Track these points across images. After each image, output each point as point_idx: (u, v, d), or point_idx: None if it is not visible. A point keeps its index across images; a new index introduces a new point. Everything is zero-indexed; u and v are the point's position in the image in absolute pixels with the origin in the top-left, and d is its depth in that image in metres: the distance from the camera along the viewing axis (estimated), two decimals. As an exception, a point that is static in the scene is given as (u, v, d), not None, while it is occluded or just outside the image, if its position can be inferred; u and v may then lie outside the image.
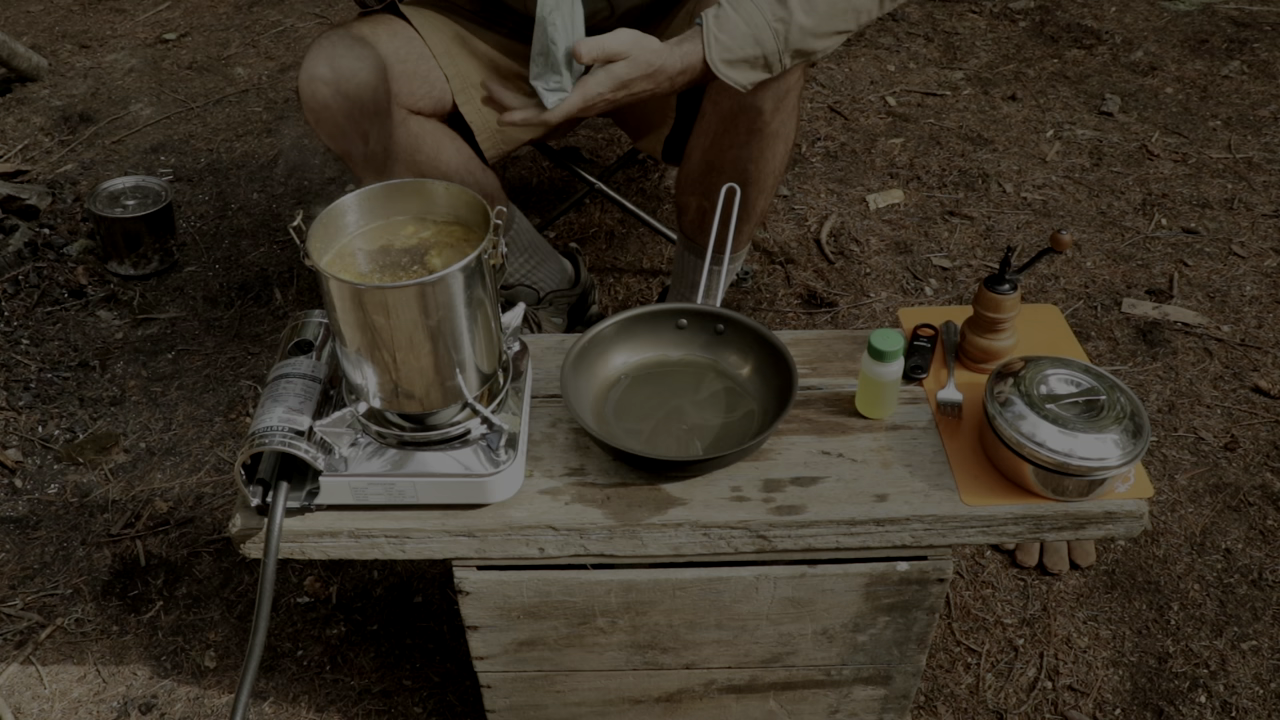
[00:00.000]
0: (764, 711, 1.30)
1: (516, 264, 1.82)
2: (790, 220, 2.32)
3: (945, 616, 1.55)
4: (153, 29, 3.20)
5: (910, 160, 2.49)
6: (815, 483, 1.12)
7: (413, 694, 1.46)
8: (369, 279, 1.05)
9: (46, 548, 1.67)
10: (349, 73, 1.44)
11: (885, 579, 1.14)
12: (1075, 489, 1.08)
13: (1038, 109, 2.68)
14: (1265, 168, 2.44)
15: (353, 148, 1.50)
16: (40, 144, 2.66)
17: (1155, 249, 2.21)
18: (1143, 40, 2.95)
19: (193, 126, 2.73)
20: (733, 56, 1.31)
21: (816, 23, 1.32)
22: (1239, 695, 1.43)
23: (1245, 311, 2.04)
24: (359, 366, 1.06)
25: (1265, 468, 1.74)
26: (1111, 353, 1.96)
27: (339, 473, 1.07)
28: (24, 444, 1.84)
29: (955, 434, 1.17)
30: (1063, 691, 1.45)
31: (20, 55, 2.83)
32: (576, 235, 2.28)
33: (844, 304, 2.08)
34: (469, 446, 1.09)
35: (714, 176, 1.57)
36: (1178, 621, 1.53)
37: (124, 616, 1.57)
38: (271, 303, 2.14)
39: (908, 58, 2.92)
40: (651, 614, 1.17)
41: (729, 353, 1.24)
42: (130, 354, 2.03)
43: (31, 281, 2.17)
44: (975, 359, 1.23)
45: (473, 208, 1.08)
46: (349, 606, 1.58)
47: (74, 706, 1.46)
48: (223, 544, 1.66)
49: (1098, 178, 2.43)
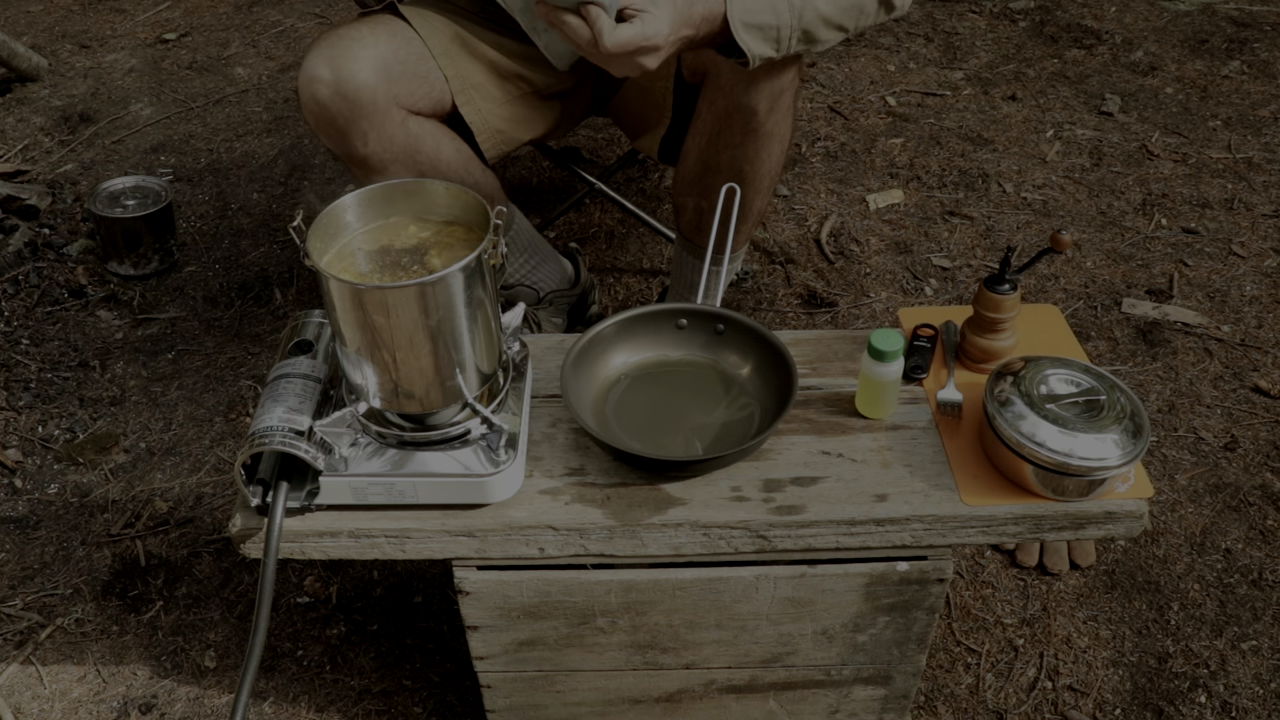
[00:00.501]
0: (764, 711, 1.30)
1: (516, 264, 1.82)
2: (790, 220, 2.32)
3: (945, 616, 1.55)
4: (153, 29, 3.20)
5: (910, 160, 2.49)
6: (815, 483, 1.12)
7: (413, 694, 1.46)
8: (369, 279, 1.05)
9: (46, 548, 1.67)
10: (348, 74, 1.44)
11: (885, 579, 1.14)
12: (1075, 489, 1.08)
13: (1038, 109, 2.68)
14: (1265, 168, 2.44)
15: (352, 149, 1.50)
16: (40, 144, 2.66)
17: (1155, 249, 2.21)
18: (1143, 40, 2.95)
19: (193, 126, 2.73)
20: (751, 20, 1.28)
21: (831, 10, 1.32)
22: (1239, 695, 1.43)
23: (1245, 311, 2.04)
24: (359, 366, 1.06)
25: (1265, 468, 1.74)
26: (1111, 353, 1.96)
27: (339, 473, 1.07)
28: (24, 444, 1.84)
29: (955, 434, 1.17)
30: (1063, 691, 1.45)
31: (20, 55, 2.83)
32: (576, 235, 2.28)
33: (844, 304, 2.08)
34: (469, 446, 1.09)
35: (710, 177, 1.57)
36: (1178, 621, 1.53)
37: (124, 616, 1.57)
38: (271, 303, 2.14)
39: (908, 58, 2.92)
40: (651, 614, 1.17)
41: (729, 353, 1.24)
42: (130, 354, 2.03)
43: (31, 281, 2.17)
44: (975, 359, 1.23)
45: (473, 208, 1.08)
46: (349, 606, 1.58)
47: (74, 706, 1.46)
48: (223, 544, 1.66)
49: (1098, 178, 2.43)
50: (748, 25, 1.28)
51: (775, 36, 1.31)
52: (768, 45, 1.31)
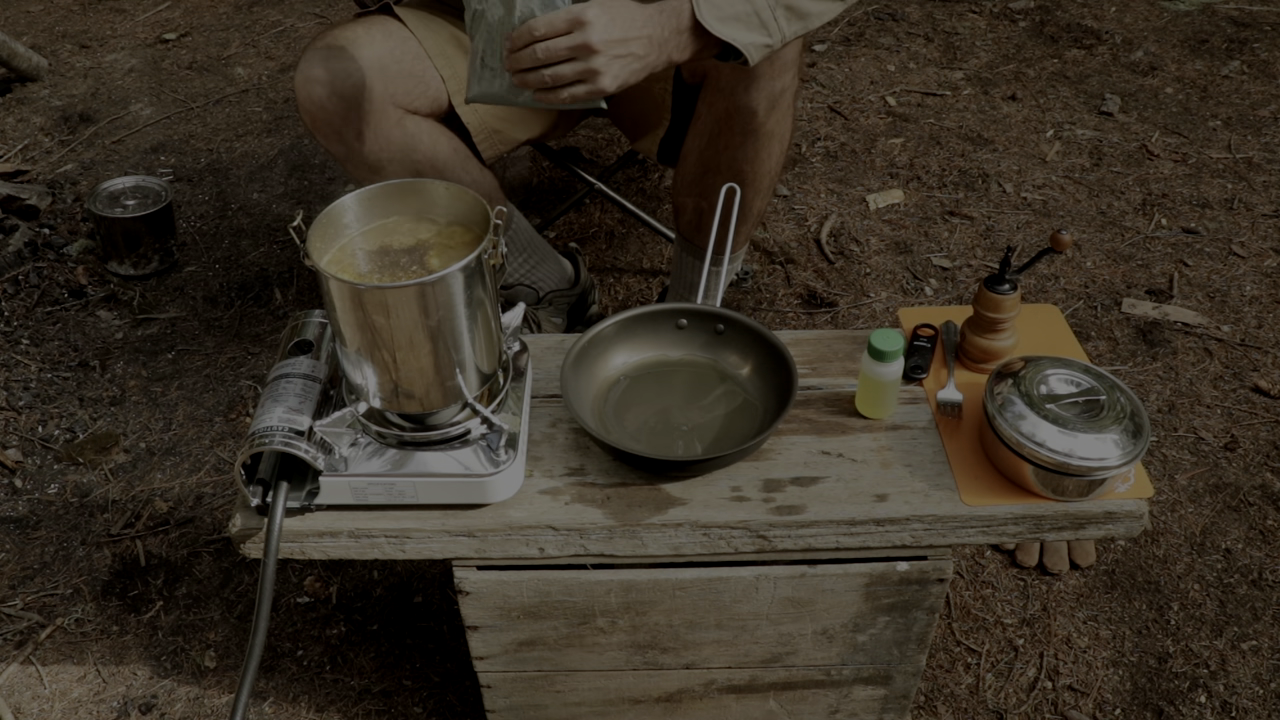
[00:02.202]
0: (764, 711, 1.30)
1: (516, 264, 1.82)
2: (790, 220, 2.32)
3: (945, 616, 1.55)
4: (153, 29, 3.20)
5: (910, 160, 2.49)
6: (815, 483, 1.12)
7: (413, 694, 1.46)
8: (369, 279, 1.05)
9: (46, 548, 1.67)
10: (344, 74, 1.44)
11: (885, 579, 1.14)
12: (1075, 489, 1.08)
13: (1038, 109, 2.68)
14: (1265, 168, 2.44)
15: (349, 149, 1.50)
16: (40, 144, 2.66)
17: (1155, 249, 2.21)
18: (1143, 40, 2.95)
19: (193, 126, 2.73)
20: (724, 12, 1.23)
21: None
22: (1239, 695, 1.43)
23: (1245, 311, 2.04)
24: (359, 366, 1.06)
25: (1265, 468, 1.74)
26: (1111, 353, 1.96)
27: (339, 473, 1.07)
28: (24, 444, 1.84)
29: (955, 434, 1.17)
30: (1063, 691, 1.45)
31: (20, 55, 2.83)
32: (576, 235, 2.28)
33: (844, 304, 2.08)
34: (469, 446, 1.09)
35: (710, 178, 1.57)
36: (1178, 621, 1.53)
37: (124, 616, 1.57)
38: (271, 303, 2.14)
39: (908, 58, 2.92)
40: (651, 614, 1.17)
41: (729, 353, 1.24)
42: (130, 354, 2.03)
43: (31, 281, 2.17)
44: (975, 359, 1.23)
45: (472, 208, 1.08)
46: (349, 606, 1.58)
47: (74, 706, 1.46)
48: (223, 544, 1.66)
49: (1098, 178, 2.43)
50: (724, 19, 1.23)
51: (759, 21, 1.26)
52: (756, 33, 1.26)
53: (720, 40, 1.24)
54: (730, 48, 1.25)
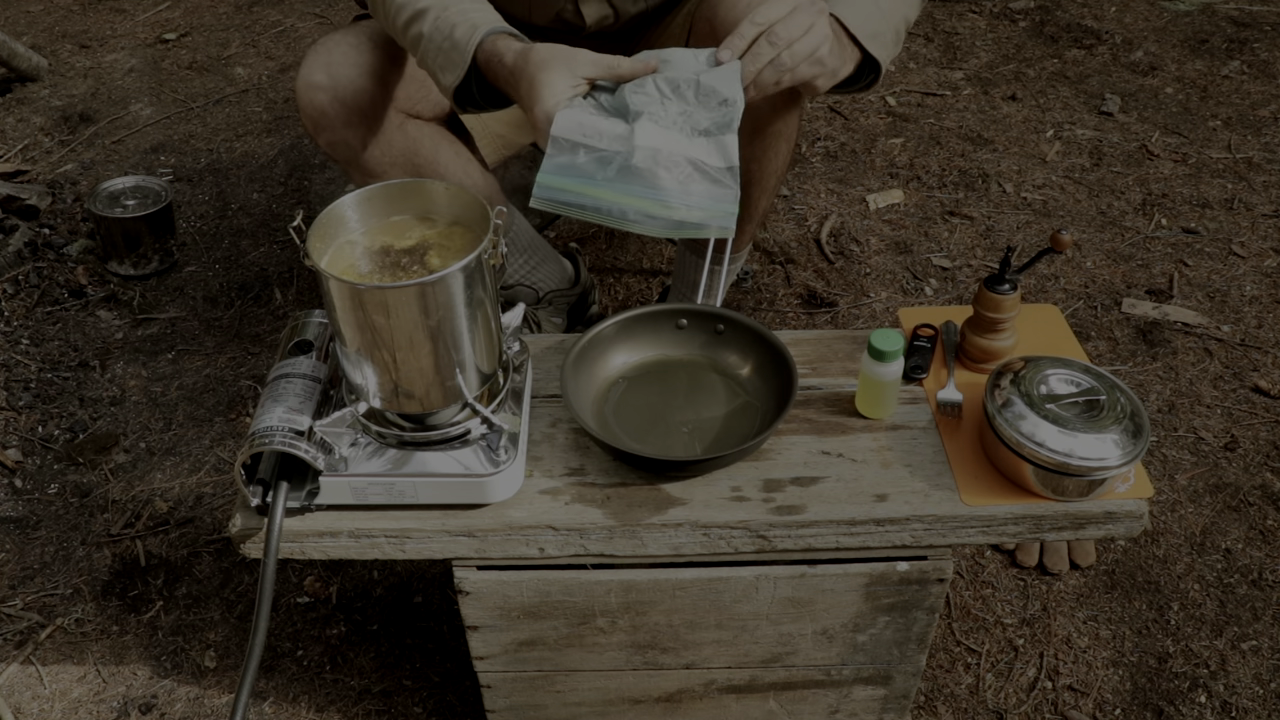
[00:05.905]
0: (764, 711, 1.30)
1: (516, 264, 1.82)
2: (790, 220, 2.32)
3: (945, 616, 1.55)
4: (153, 29, 3.20)
5: (910, 160, 2.49)
6: (815, 483, 1.12)
7: (413, 694, 1.46)
8: (369, 279, 1.05)
9: (46, 548, 1.67)
10: (346, 79, 1.43)
11: (885, 579, 1.14)
12: (1075, 489, 1.08)
13: (1038, 109, 2.68)
14: (1265, 168, 2.44)
15: (352, 154, 1.50)
16: (40, 144, 2.66)
17: (1155, 249, 2.21)
18: (1143, 40, 2.95)
19: (193, 126, 2.73)
20: (870, 30, 1.22)
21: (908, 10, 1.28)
22: (1239, 695, 1.43)
23: (1245, 311, 2.04)
24: (359, 366, 1.06)
25: (1265, 468, 1.74)
26: (1111, 353, 1.96)
27: (339, 473, 1.07)
28: (24, 444, 1.84)
29: (955, 434, 1.17)
30: (1063, 691, 1.45)
31: (20, 55, 2.83)
32: (576, 235, 2.28)
33: (844, 304, 2.08)
34: (469, 446, 1.09)
35: (715, 176, 1.57)
36: (1178, 621, 1.53)
37: (124, 616, 1.57)
38: (271, 303, 2.14)
39: (908, 58, 2.92)
40: (651, 614, 1.17)
41: (729, 353, 1.24)
42: (130, 354, 2.03)
43: (31, 281, 2.17)
44: (975, 359, 1.23)
45: (473, 208, 1.08)
46: (349, 606, 1.58)
47: (74, 706, 1.46)
48: (223, 544, 1.66)
49: (1098, 178, 2.43)
50: (869, 35, 1.21)
51: (894, 38, 1.25)
52: (890, 48, 1.25)
53: (864, 56, 1.23)
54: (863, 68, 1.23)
